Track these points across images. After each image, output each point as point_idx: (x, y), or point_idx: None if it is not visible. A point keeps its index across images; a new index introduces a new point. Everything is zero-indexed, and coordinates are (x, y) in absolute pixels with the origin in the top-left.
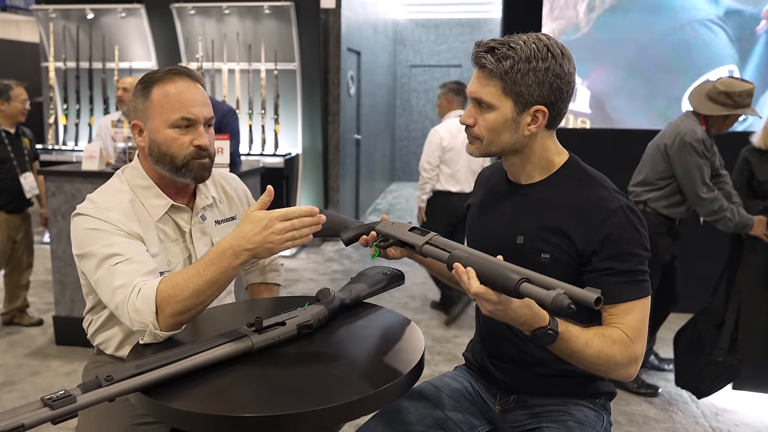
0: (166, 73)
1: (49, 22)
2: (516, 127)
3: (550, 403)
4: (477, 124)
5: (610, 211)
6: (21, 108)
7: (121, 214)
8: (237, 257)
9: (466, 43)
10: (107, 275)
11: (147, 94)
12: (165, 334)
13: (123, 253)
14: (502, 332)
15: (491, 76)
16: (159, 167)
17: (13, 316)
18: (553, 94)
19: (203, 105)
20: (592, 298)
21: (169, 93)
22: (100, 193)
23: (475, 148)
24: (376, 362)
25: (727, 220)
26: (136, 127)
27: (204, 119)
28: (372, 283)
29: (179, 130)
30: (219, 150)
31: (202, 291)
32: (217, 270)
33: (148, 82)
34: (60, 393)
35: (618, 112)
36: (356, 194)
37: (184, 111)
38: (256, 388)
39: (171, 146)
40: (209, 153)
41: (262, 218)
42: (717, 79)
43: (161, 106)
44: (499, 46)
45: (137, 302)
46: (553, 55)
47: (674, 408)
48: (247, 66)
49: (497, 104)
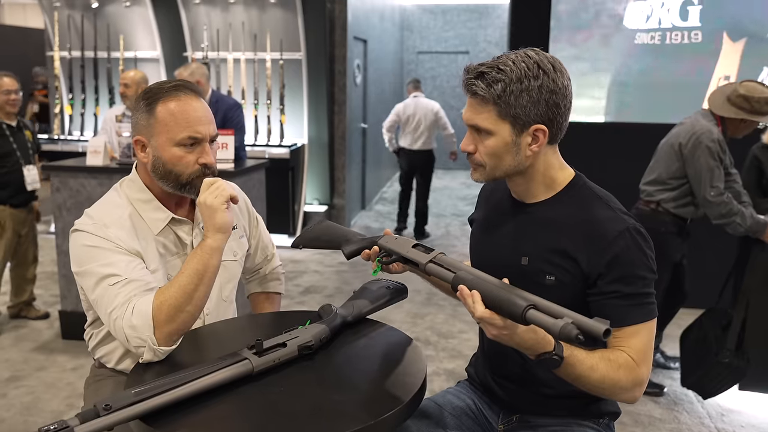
0: (170, 90)
1: (54, 11)
2: (517, 149)
3: (554, 423)
4: (477, 151)
5: (617, 233)
6: (5, 99)
7: (120, 230)
8: (206, 245)
9: (474, 29)
10: (105, 295)
11: (151, 111)
12: (163, 350)
13: (121, 273)
14: (505, 351)
15: (484, 102)
16: (162, 183)
17: (20, 310)
18: (551, 111)
19: (209, 123)
20: (601, 330)
21: (175, 111)
22: (98, 208)
23: (479, 175)
24: (377, 387)
25: (736, 225)
26: (139, 143)
27: (210, 137)
28: (374, 298)
29: (185, 148)
30: (223, 145)
31: (186, 285)
32: (194, 260)
33: (152, 98)
34: (57, 424)
35: None
36: (363, 183)
37: (191, 130)
38: (255, 415)
39: (177, 165)
40: (213, 171)
41: (201, 203)
42: (741, 82)
43: (166, 125)
44: (488, 71)
45: (133, 319)
46: (544, 71)
47: (679, 408)
48: (252, 56)
49: (495, 129)
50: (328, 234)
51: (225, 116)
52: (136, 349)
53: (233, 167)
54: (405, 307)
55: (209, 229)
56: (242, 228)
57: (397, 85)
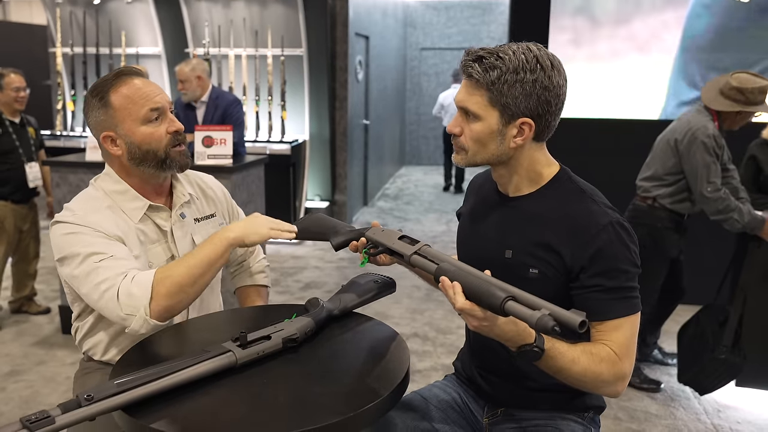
0: (115, 78)
1: (56, 7)
2: (501, 138)
3: (538, 417)
4: (463, 134)
5: (600, 226)
6: (14, 96)
7: (101, 217)
8: (225, 238)
9: (477, 25)
10: (91, 271)
11: (106, 103)
12: (153, 322)
13: (105, 251)
14: (491, 345)
15: (478, 86)
16: (143, 168)
17: (21, 305)
18: (541, 107)
19: (162, 92)
20: (577, 321)
21: (128, 94)
22: (77, 201)
23: (460, 159)
24: (359, 380)
25: (734, 221)
26: (107, 138)
27: (169, 105)
28: (362, 292)
29: (152, 124)
30: (221, 141)
31: (194, 268)
32: (209, 248)
33: (102, 92)
34: (38, 413)
35: None
36: (364, 180)
37: (151, 102)
38: (237, 407)
39: (151, 142)
40: (184, 138)
41: (251, 216)
42: (732, 74)
43: (126, 108)
44: (487, 56)
45: (132, 287)
46: (542, 66)
47: (676, 404)
48: (253, 52)
49: (483, 114)
50: (318, 225)
51: (225, 112)
52: (124, 320)
53: (231, 163)
54: (404, 303)
55: (238, 228)
56: (221, 215)
57: (399, 82)
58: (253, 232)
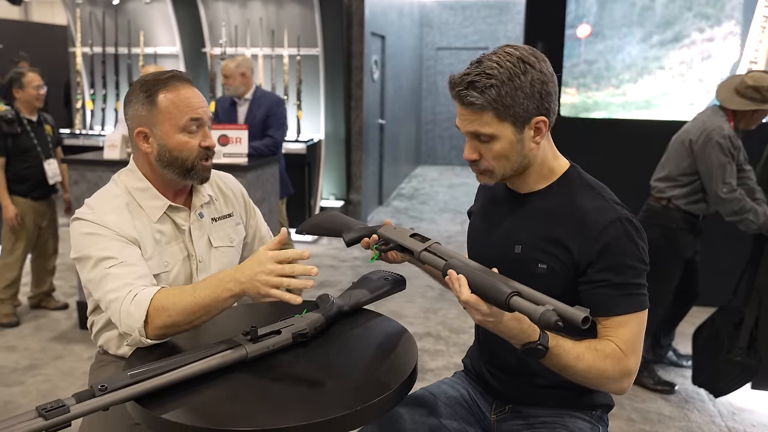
0: (168, 80)
1: (76, 8)
2: (521, 145)
3: (546, 414)
4: (482, 158)
5: (608, 222)
6: (35, 94)
7: (119, 218)
8: (228, 289)
9: (494, 25)
10: (101, 277)
11: (153, 101)
12: (149, 342)
13: (117, 257)
14: (499, 341)
15: (482, 110)
16: (167, 171)
17: (40, 300)
18: (545, 101)
19: (206, 106)
20: (580, 317)
21: (175, 99)
22: (97, 198)
23: (488, 179)
24: (368, 374)
25: (749, 222)
26: (141, 134)
27: (209, 119)
28: (372, 289)
29: (189, 134)
30: (237, 140)
31: (191, 311)
32: (210, 294)
33: (152, 89)
34: (54, 402)
35: None
36: (380, 179)
37: (193, 113)
38: (247, 399)
39: (183, 150)
40: (213, 153)
41: (260, 254)
42: (746, 73)
43: (169, 112)
44: (477, 79)
45: (130, 306)
46: (529, 64)
47: (690, 406)
48: (270, 51)
49: (498, 133)
50: (331, 222)
51: (269, 111)
52: (124, 334)
53: (246, 161)
54: (418, 302)
55: (245, 277)
56: (238, 215)
57: (415, 81)
58: (256, 290)
